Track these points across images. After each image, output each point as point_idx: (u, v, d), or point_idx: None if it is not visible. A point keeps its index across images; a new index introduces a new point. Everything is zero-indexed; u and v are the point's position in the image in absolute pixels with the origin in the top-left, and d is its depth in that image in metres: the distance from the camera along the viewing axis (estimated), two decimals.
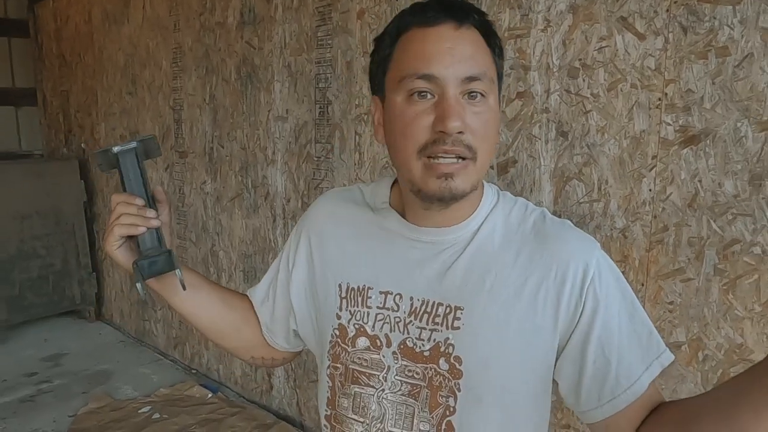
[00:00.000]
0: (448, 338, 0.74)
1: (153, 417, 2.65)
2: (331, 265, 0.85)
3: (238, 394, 2.90)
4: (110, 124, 3.66)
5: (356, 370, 0.79)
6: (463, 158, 0.68)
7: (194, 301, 0.90)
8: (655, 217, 1.50)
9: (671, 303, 1.50)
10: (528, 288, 0.72)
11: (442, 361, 0.74)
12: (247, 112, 2.67)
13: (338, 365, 0.81)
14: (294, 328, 0.93)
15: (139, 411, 2.71)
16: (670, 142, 1.45)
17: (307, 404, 2.59)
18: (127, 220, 0.81)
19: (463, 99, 0.68)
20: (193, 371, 3.19)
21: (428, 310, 0.76)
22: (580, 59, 1.58)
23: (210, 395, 2.85)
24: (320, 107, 2.34)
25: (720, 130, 1.37)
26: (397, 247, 0.79)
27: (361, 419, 0.79)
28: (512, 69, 1.72)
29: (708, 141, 1.39)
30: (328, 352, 0.82)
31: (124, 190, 0.84)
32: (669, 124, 1.45)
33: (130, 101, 3.44)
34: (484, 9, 1.73)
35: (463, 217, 0.76)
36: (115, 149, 0.84)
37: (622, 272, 1.50)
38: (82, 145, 3.96)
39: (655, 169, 1.49)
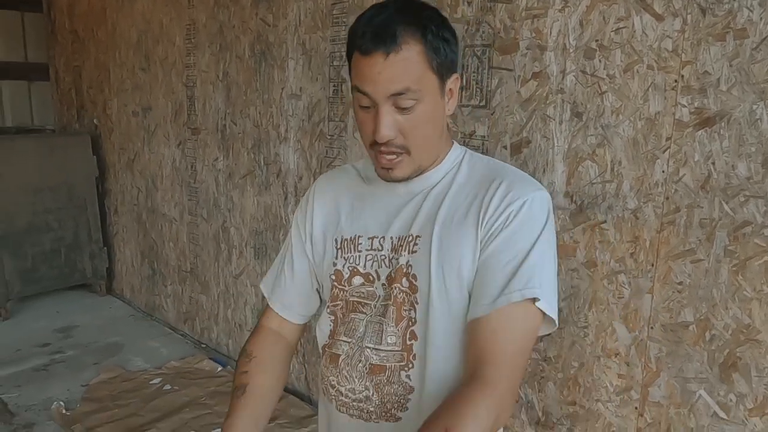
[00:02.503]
0: (408, 260, 0.92)
1: (164, 388, 2.70)
2: (328, 226, 1.03)
3: None
4: (122, 99, 3.68)
5: (355, 301, 0.96)
6: (395, 154, 0.87)
7: None
8: (668, 198, 1.52)
9: (680, 283, 1.52)
10: (469, 215, 0.90)
11: (403, 280, 0.91)
12: (261, 90, 2.68)
13: (338, 302, 0.99)
14: (317, 287, 1.06)
15: (150, 382, 2.77)
16: (685, 123, 1.46)
17: (315, 379, 2.64)
18: None
19: (392, 108, 0.85)
20: (203, 345, 3.25)
21: (401, 244, 0.94)
22: (597, 40, 1.59)
23: (219, 369, 2.90)
24: (334, 85, 2.35)
25: (735, 112, 1.38)
26: (381, 202, 0.99)
27: (349, 339, 0.96)
28: (528, 49, 1.72)
29: (723, 123, 1.40)
30: (329, 293, 1.01)
31: None
32: (684, 106, 1.46)
33: (142, 77, 3.46)
34: None
35: (432, 173, 0.96)
36: None
37: (632, 253, 1.52)
38: (95, 120, 3.99)
39: (668, 150, 1.50)
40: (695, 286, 1.50)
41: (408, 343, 0.90)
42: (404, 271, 0.91)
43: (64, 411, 2.52)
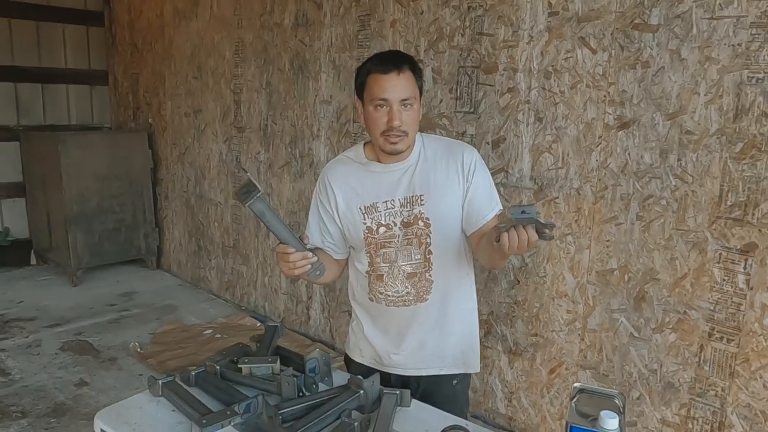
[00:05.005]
0: (420, 210, 1.47)
1: (215, 336, 3.34)
2: (351, 199, 1.50)
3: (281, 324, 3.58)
4: (176, 102, 4.34)
5: (382, 241, 1.50)
6: (400, 136, 1.40)
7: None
8: (599, 180, 2.12)
9: (608, 241, 2.13)
10: (450, 174, 1.48)
11: (420, 222, 1.47)
12: (297, 96, 3.31)
13: (371, 245, 1.51)
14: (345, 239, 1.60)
15: (204, 333, 3.40)
16: (611, 126, 2.07)
17: (339, 330, 3.26)
18: (300, 266, 1.36)
19: (401, 107, 1.38)
20: (243, 308, 3.88)
21: (408, 201, 1.48)
22: (552, 65, 2.20)
23: (259, 324, 3.53)
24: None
25: (642, 118, 1.99)
26: (382, 178, 1.48)
27: (387, 264, 1.50)
28: (505, 70, 2.34)
29: (635, 126, 2.01)
30: (364, 241, 1.51)
31: (279, 239, 1.32)
32: (610, 114, 2.07)
33: (195, 84, 4.11)
34: (486, 27, 2.36)
35: (408, 153, 1.48)
36: (252, 198, 1.23)
37: (576, 220, 2.15)
38: (149, 120, 4.65)
39: (600, 145, 2.11)
40: (618, 242, 2.10)
41: (427, 256, 1.47)
42: (419, 216, 1.45)
43: (139, 350, 3.16)
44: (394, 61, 1.39)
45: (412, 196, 1.46)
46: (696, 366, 1.95)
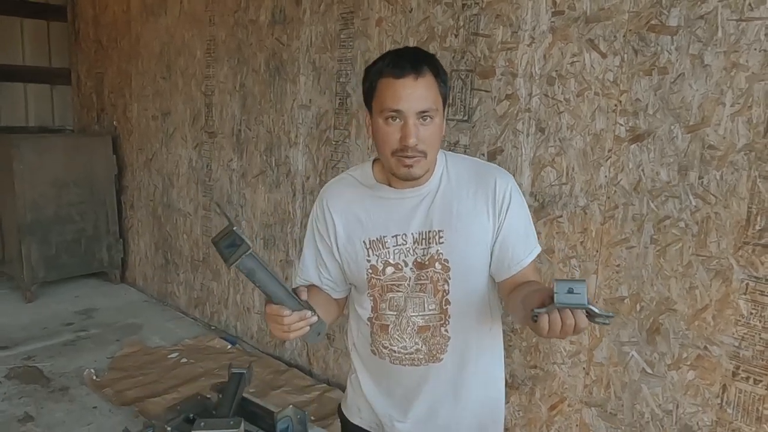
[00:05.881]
0: (438, 250, 1.19)
1: (181, 361, 3.05)
2: (354, 231, 1.23)
3: (254, 347, 3.30)
4: (142, 104, 4.04)
5: (389, 284, 1.23)
6: (416, 157, 1.12)
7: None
8: (609, 197, 1.91)
9: (618, 266, 1.92)
10: (477, 207, 1.20)
11: (437, 264, 1.19)
12: (274, 100, 3.06)
13: (375, 287, 1.24)
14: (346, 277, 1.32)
15: (169, 356, 3.11)
16: (622, 139, 1.86)
17: (316, 354, 3.00)
18: (297, 329, 1.05)
19: (419, 121, 1.11)
20: (213, 327, 3.59)
21: (424, 237, 1.21)
22: (556, 70, 1.98)
23: (230, 346, 3.25)
24: (340, 99, 2.73)
25: (658, 131, 1.78)
26: (393, 205, 1.22)
27: (394, 312, 1.23)
28: (503, 75, 2.12)
29: (650, 139, 1.80)
30: (367, 283, 1.24)
31: (271, 299, 1.02)
32: (621, 125, 1.86)
33: (163, 85, 3.82)
34: (482, 27, 2.14)
35: (427, 178, 1.21)
36: (241, 255, 0.96)
37: (581, 242, 1.92)
38: (114, 122, 4.34)
39: (610, 159, 1.89)
40: (629, 267, 1.89)
41: (444, 307, 1.21)
42: (436, 257, 1.18)
43: (94, 377, 2.86)
44: (411, 61, 1.11)
45: (429, 232, 1.20)
46: (718, 408, 1.74)
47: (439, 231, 1.19)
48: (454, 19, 2.24)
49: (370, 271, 1.23)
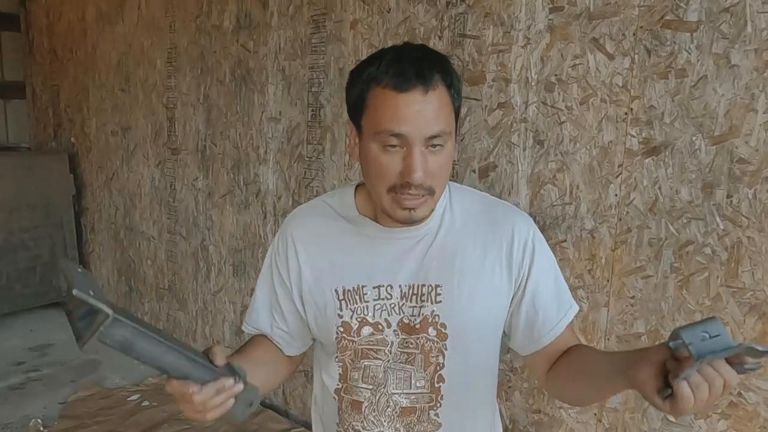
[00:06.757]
0: (433, 311, 0.92)
1: (142, 404, 2.73)
2: (323, 276, 0.97)
3: None
4: (101, 119, 3.73)
5: (365, 349, 0.95)
6: (422, 196, 0.85)
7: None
8: (620, 219, 1.66)
9: (633, 297, 1.66)
10: (488, 261, 0.94)
11: (430, 329, 0.92)
12: (241, 113, 2.78)
13: (347, 351, 0.96)
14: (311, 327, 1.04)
15: (129, 399, 2.79)
16: (634, 152, 1.61)
17: (293, 394, 2.71)
18: (216, 405, 0.76)
19: (427, 149, 0.83)
20: None
21: (415, 292, 0.93)
22: (556, 75, 1.73)
23: None
24: (312, 110, 2.46)
25: (678, 142, 1.54)
26: (378, 247, 0.95)
27: (370, 386, 0.96)
28: (494, 81, 1.86)
29: (667, 152, 1.56)
30: (336, 344, 0.97)
31: (169, 373, 0.74)
32: (633, 136, 1.61)
33: (122, 98, 3.52)
34: (469, 28, 1.89)
35: (426, 216, 0.92)
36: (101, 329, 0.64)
37: (589, 270, 1.66)
38: (72, 139, 4.01)
39: (620, 176, 1.65)
40: (646, 300, 1.64)
41: (436, 386, 0.94)
42: (430, 320, 0.92)
43: (41, 429, 2.53)
44: (417, 68, 0.80)
45: (423, 286, 0.93)
46: None
47: (436, 286, 0.92)
48: (437, 19, 1.98)
49: (342, 329, 0.95)
